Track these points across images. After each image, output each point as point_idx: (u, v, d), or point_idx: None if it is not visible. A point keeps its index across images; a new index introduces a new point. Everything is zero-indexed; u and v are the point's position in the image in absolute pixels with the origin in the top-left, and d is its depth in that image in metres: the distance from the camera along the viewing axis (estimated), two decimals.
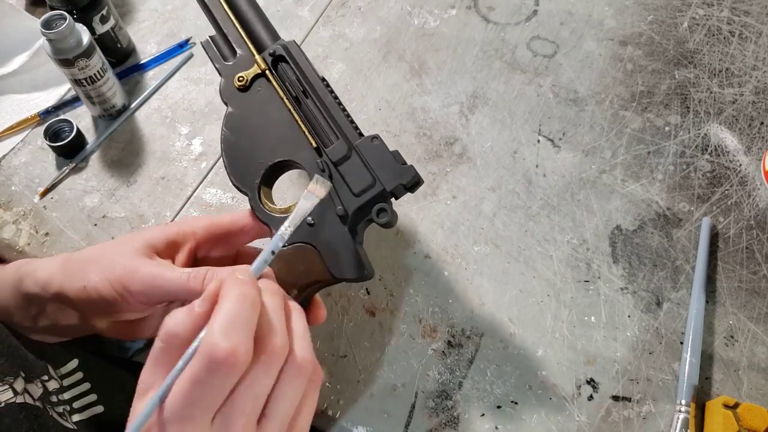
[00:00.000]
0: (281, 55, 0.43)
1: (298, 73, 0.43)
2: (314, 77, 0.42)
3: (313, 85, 0.42)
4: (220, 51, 0.45)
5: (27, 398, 0.38)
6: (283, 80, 0.43)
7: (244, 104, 0.43)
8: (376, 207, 0.40)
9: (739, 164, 0.60)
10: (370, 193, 0.40)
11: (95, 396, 0.44)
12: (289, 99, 0.42)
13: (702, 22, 0.69)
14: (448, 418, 0.49)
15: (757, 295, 0.53)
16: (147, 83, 0.69)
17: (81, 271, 0.40)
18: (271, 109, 0.43)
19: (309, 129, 0.42)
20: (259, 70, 0.43)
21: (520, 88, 0.66)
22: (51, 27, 0.56)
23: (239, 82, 0.43)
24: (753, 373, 0.50)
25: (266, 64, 0.43)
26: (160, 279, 0.38)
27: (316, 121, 0.42)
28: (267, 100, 0.43)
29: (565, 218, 0.58)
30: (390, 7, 0.73)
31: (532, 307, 0.53)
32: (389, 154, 0.41)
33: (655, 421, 0.48)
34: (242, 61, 0.44)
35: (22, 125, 0.66)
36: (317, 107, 0.42)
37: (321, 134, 0.42)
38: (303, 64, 0.43)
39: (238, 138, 0.43)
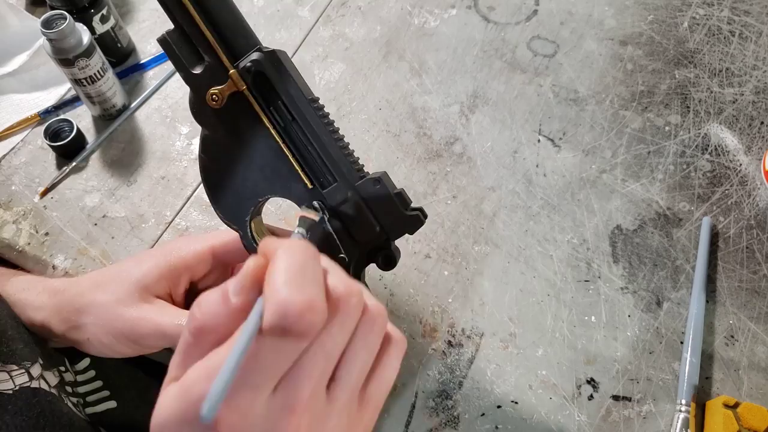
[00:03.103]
0: (259, 71, 0.34)
1: (284, 98, 0.35)
2: (303, 102, 0.35)
3: (304, 114, 0.35)
4: (183, 53, 0.35)
5: (42, 384, 0.38)
6: (267, 103, 0.35)
7: (221, 127, 0.36)
8: (383, 255, 0.38)
9: (740, 164, 0.60)
10: (374, 242, 0.38)
11: (108, 392, 0.44)
12: (276, 128, 0.35)
13: (702, 21, 0.69)
14: (449, 417, 0.49)
15: (758, 295, 0.53)
16: (147, 83, 0.68)
17: (80, 324, 0.39)
18: (255, 135, 0.36)
19: (303, 167, 0.36)
20: (236, 87, 0.34)
21: (520, 87, 0.66)
22: (51, 26, 0.56)
23: (213, 102, 0.34)
24: (753, 372, 0.50)
25: (244, 82, 0.34)
26: (160, 332, 0.37)
27: (310, 156, 0.36)
28: (249, 125, 0.35)
29: (566, 218, 0.58)
30: (390, 6, 0.73)
31: (532, 307, 0.53)
32: (393, 200, 0.37)
33: (656, 420, 0.48)
34: (213, 71, 0.34)
35: (22, 125, 0.65)
36: (309, 140, 0.36)
37: (316, 171, 0.36)
38: (291, 86, 0.35)
39: (219, 166, 0.37)
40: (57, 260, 0.57)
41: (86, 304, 0.39)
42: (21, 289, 0.42)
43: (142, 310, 0.38)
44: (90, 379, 0.44)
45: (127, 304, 0.38)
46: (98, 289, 0.39)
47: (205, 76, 0.34)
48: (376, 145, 0.63)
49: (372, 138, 0.63)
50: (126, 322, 0.38)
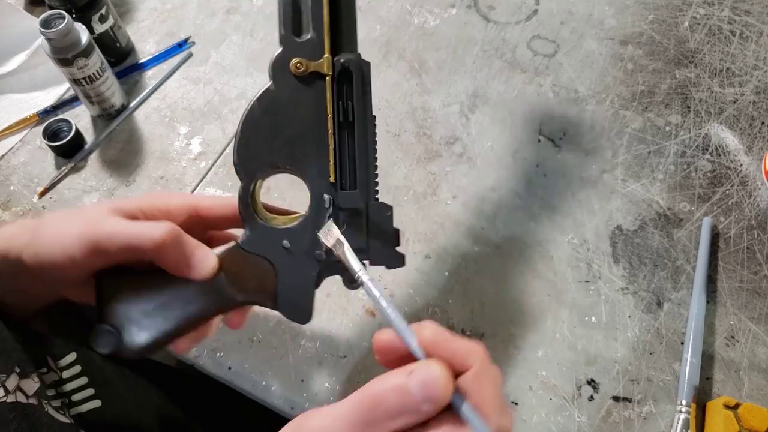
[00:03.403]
0: (349, 71, 0.38)
1: (356, 102, 0.38)
2: (368, 113, 0.39)
3: (364, 123, 0.39)
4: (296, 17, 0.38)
5: (19, 396, 0.37)
6: (339, 97, 0.39)
7: (289, 90, 0.38)
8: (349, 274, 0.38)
9: (740, 164, 0.60)
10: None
11: (92, 390, 0.43)
12: (334, 121, 0.38)
13: (703, 21, 0.69)
14: None
15: (758, 296, 0.53)
16: (146, 83, 0.68)
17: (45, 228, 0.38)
18: (312, 114, 0.38)
19: (336, 162, 0.39)
20: (323, 70, 0.38)
21: (520, 87, 0.66)
22: (50, 26, 0.56)
23: (297, 68, 0.37)
24: (754, 373, 0.50)
25: (333, 71, 0.38)
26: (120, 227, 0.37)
27: (345, 157, 0.39)
28: (313, 105, 0.38)
29: (566, 218, 0.57)
30: (390, 6, 0.73)
31: (532, 308, 0.53)
32: (391, 233, 0.39)
33: (656, 421, 0.48)
34: (310, 46, 0.38)
35: (20, 125, 0.65)
36: (354, 145, 0.39)
37: (344, 172, 0.39)
38: (367, 94, 0.39)
39: (265, 120, 0.39)
40: None
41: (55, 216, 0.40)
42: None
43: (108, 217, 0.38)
44: (75, 376, 0.43)
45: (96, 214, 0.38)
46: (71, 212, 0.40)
47: (302, 46, 0.38)
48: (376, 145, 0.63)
49: None
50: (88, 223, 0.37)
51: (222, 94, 0.67)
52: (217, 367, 0.52)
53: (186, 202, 0.42)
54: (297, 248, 0.39)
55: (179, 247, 0.38)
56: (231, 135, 0.64)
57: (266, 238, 0.39)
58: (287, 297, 0.39)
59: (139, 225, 0.38)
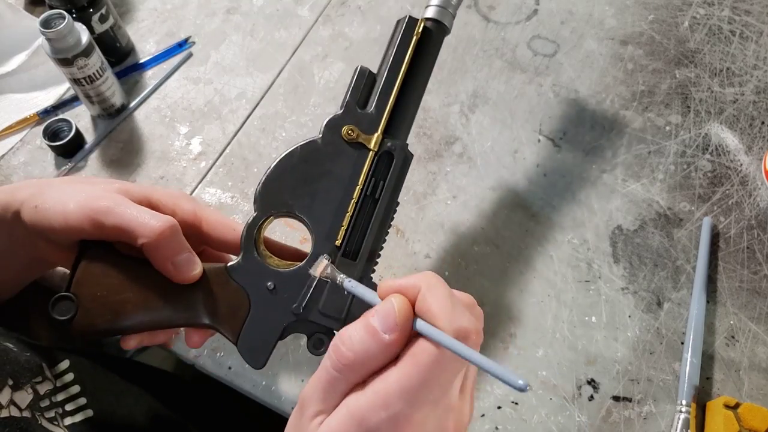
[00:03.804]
0: (392, 154, 0.41)
1: (388, 184, 0.41)
2: (393, 197, 0.41)
3: (387, 203, 0.41)
4: (364, 93, 0.42)
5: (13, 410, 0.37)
6: (374, 174, 0.41)
7: (333, 150, 0.41)
8: (316, 336, 0.39)
9: (740, 164, 0.60)
10: (327, 322, 0.39)
11: (84, 399, 0.43)
12: (362, 191, 0.41)
13: (703, 21, 0.69)
14: None
15: (758, 295, 0.53)
16: (146, 82, 0.68)
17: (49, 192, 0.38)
18: (345, 178, 0.41)
19: (348, 228, 0.40)
20: (369, 144, 0.41)
21: (520, 87, 0.66)
22: (50, 26, 0.55)
23: (349, 134, 0.41)
24: (754, 373, 0.50)
25: (377, 148, 0.41)
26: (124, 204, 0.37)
27: (358, 228, 0.40)
28: (349, 170, 0.41)
29: (566, 218, 0.58)
30: (390, 6, 0.73)
31: (532, 307, 0.53)
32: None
33: (656, 421, 0.48)
34: (368, 120, 0.41)
35: (20, 125, 0.65)
36: (370, 221, 0.40)
37: (350, 241, 0.40)
38: (398, 180, 0.41)
39: (300, 166, 0.41)
40: None
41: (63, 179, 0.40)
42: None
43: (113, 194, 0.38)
44: (69, 383, 0.43)
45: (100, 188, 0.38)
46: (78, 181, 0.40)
47: (359, 117, 0.41)
48: None
49: None
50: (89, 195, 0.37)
51: (222, 94, 0.67)
52: (217, 367, 0.52)
53: (193, 210, 0.42)
54: (279, 293, 0.39)
55: (173, 243, 0.38)
56: (231, 135, 0.64)
57: (254, 272, 0.39)
58: (250, 336, 0.39)
59: (143, 211, 0.37)
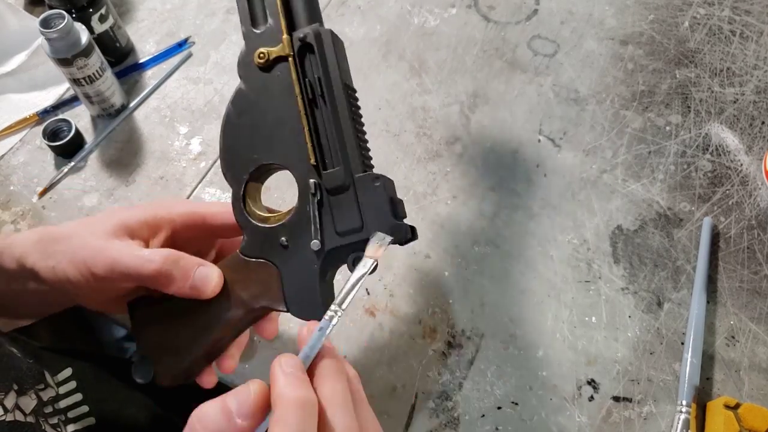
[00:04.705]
0: (310, 43, 0.36)
1: (321, 73, 0.36)
2: (338, 83, 0.36)
3: (334, 93, 0.36)
4: (252, 11, 0.38)
5: (17, 415, 0.37)
6: (304, 74, 0.37)
7: (258, 85, 0.37)
8: (353, 256, 0.36)
9: (740, 164, 0.60)
10: (352, 238, 0.36)
11: (87, 407, 0.43)
12: (304, 99, 0.36)
13: (703, 21, 0.69)
14: (449, 419, 0.49)
15: (759, 296, 0.53)
16: (146, 82, 0.68)
17: (52, 251, 0.38)
18: (283, 101, 0.37)
19: (313, 142, 0.36)
20: (284, 52, 0.36)
21: (520, 87, 0.66)
22: (50, 26, 0.55)
23: (260, 59, 0.37)
24: (754, 373, 0.50)
25: (292, 49, 0.36)
26: (118, 262, 0.36)
27: (325, 135, 0.37)
28: (283, 90, 0.37)
29: (566, 218, 0.57)
30: (390, 6, 0.73)
31: (532, 308, 0.53)
32: (387, 203, 0.36)
33: (656, 421, 0.48)
34: (270, 33, 0.37)
35: (20, 125, 0.65)
36: (330, 120, 0.36)
37: (325, 152, 0.37)
38: (331, 63, 0.36)
39: (242, 121, 0.38)
40: None
41: (63, 233, 0.39)
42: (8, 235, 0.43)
43: (110, 242, 0.38)
44: (71, 391, 0.43)
45: (100, 236, 0.38)
46: (82, 224, 0.40)
47: (262, 36, 0.37)
48: (376, 145, 0.63)
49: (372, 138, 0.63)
50: (91, 251, 0.37)
51: (222, 94, 0.67)
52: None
53: (190, 210, 0.41)
54: (293, 243, 0.37)
55: (177, 272, 0.37)
56: None
57: (264, 240, 0.38)
58: (295, 296, 0.37)
59: (138, 254, 0.37)
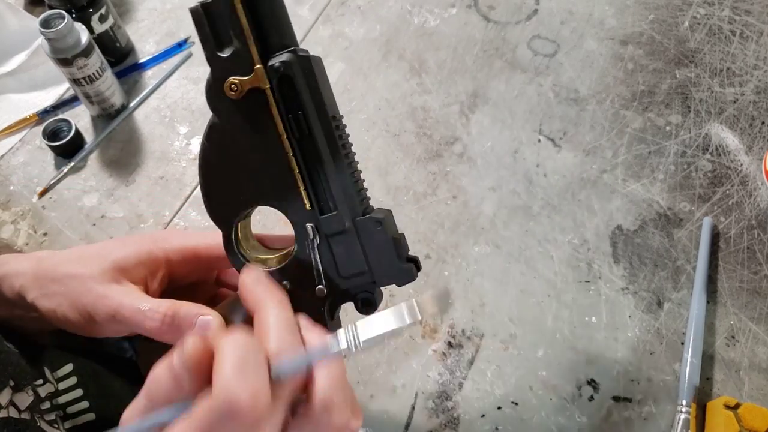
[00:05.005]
0: (287, 75, 0.31)
1: (306, 110, 0.32)
2: (325, 120, 0.32)
3: (322, 132, 0.32)
4: (214, 30, 0.32)
5: (11, 411, 0.37)
6: (287, 110, 0.32)
7: (234, 119, 0.33)
8: (363, 298, 0.35)
9: (740, 164, 0.60)
10: (357, 281, 0.35)
11: (87, 403, 0.43)
12: (290, 138, 0.32)
13: (703, 21, 0.69)
14: (449, 418, 0.49)
15: (758, 296, 0.53)
16: (146, 82, 0.68)
17: (51, 292, 0.38)
18: (266, 138, 0.33)
19: (306, 186, 0.33)
20: (258, 84, 0.32)
21: (520, 87, 0.66)
22: (50, 26, 0.55)
23: (232, 91, 0.32)
24: (754, 373, 0.50)
25: (269, 82, 0.32)
26: (119, 314, 0.36)
27: (317, 176, 0.33)
28: (264, 126, 0.32)
29: (566, 218, 0.57)
30: (390, 6, 0.73)
31: (532, 308, 0.53)
32: (390, 247, 0.34)
33: (656, 421, 0.48)
34: (239, 58, 0.31)
35: (20, 125, 0.65)
36: (321, 160, 0.33)
37: (319, 194, 0.34)
38: (315, 98, 0.32)
39: (221, 158, 0.34)
40: None
41: (62, 274, 0.39)
42: (6, 261, 0.42)
43: (110, 288, 0.37)
44: (71, 387, 0.43)
45: (98, 280, 0.38)
46: (77, 262, 0.39)
47: (230, 62, 0.32)
48: (376, 145, 0.63)
49: (372, 138, 0.63)
50: (91, 297, 0.37)
51: None
52: None
53: (184, 245, 0.41)
54: (296, 287, 0.35)
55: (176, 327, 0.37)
56: None
57: None
58: None
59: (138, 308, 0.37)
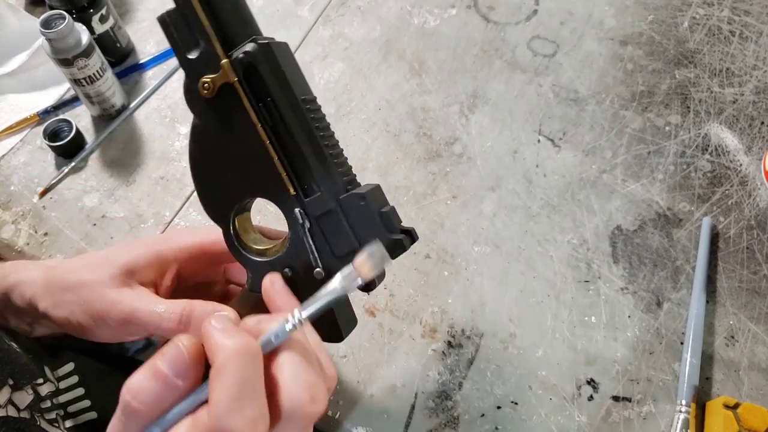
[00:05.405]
0: (252, 63, 0.32)
1: (274, 95, 0.33)
2: (295, 102, 0.33)
3: (293, 115, 0.33)
4: (181, 36, 0.33)
5: (10, 410, 0.37)
6: (257, 99, 0.33)
7: (211, 117, 0.34)
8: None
9: (740, 164, 0.60)
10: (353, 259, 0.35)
11: (89, 402, 0.43)
12: (264, 126, 0.33)
13: (702, 21, 0.69)
14: (448, 418, 0.49)
15: (758, 295, 0.53)
16: (146, 83, 0.68)
17: (64, 300, 0.39)
18: (243, 130, 0.33)
19: (287, 171, 0.34)
20: (227, 79, 0.32)
21: (520, 87, 0.66)
22: (50, 26, 0.56)
23: (205, 90, 0.33)
24: (753, 373, 0.50)
25: (236, 74, 0.32)
26: (133, 317, 0.37)
27: (297, 160, 0.34)
28: (238, 118, 0.33)
29: (566, 218, 0.58)
30: (390, 6, 0.73)
31: (532, 308, 0.53)
32: (378, 221, 0.34)
33: (656, 421, 0.48)
34: (207, 57, 0.32)
35: (21, 125, 0.65)
36: (297, 144, 0.33)
37: (302, 177, 0.34)
38: (281, 82, 0.32)
39: (207, 157, 0.35)
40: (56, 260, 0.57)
41: (73, 282, 0.39)
42: (15, 270, 0.42)
43: (122, 293, 0.38)
44: (72, 386, 0.43)
45: (110, 285, 0.38)
46: (87, 269, 0.40)
47: (200, 63, 0.33)
48: (376, 145, 0.63)
49: (372, 138, 0.63)
50: (104, 303, 0.38)
51: None
52: None
53: (191, 243, 0.41)
54: (296, 273, 0.36)
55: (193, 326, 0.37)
56: None
57: (267, 273, 0.37)
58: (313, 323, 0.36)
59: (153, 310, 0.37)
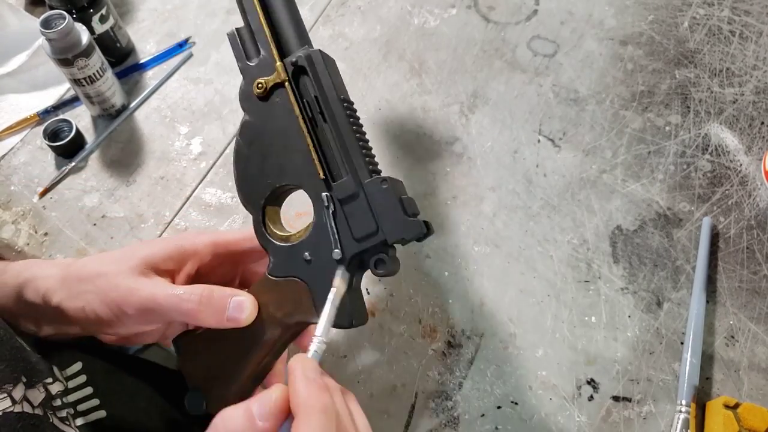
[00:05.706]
0: (302, 66, 0.39)
1: (317, 92, 0.39)
2: (334, 98, 0.38)
3: (331, 108, 0.38)
4: (245, 47, 0.41)
5: (26, 407, 0.37)
6: (302, 96, 0.39)
7: (261, 114, 0.40)
8: (374, 258, 0.37)
9: (740, 164, 0.60)
10: (370, 242, 0.37)
11: (97, 401, 0.43)
12: (304, 119, 0.39)
13: (702, 21, 0.69)
14: (448, 418, 0.49)
15: (758, 295, 0.53)
16: (146, 83, 0.68)
17: (80, 291, 0.39)
18: (287, 125, 0.39)
19: (319, 157, 0.38)
20: (279, 79, 0.39)
21: (520, 87, 0.66)
22: (50, 26, 0.56)
23: (258, 89, 0.39)
24: (753, 373, 0.50)
25: (287, 74, 0.39)
26: (153, 302, 0.37)
27: (329, 149, 0.39)
28: (284, 115, 0.39)
29: (566, 218, 0.58)
30: (390, 6, 0.73)
31: (532, 308, 0.53)
32: (397, 202, 0.37)
33: (656, 421, 0.48)
34: (264, 64, 0.40)
35: (21, 125, 0.65)
36: (332, 134, 0.38)
37: (332, 165, 0.39)
38: (324, 81, 0.39)
39: (252, 151, 0.40)
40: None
41: (89, 273, 0.40)
42: (29, 267, 0.43)
43: (139, 281, 0.39)
44: (81, 385, 0.43)
45: (127, 275, 0.39)
46: (105, 262, 0.41)
47: (257, 69, 0.40)
48: (376, 145, 0.63)
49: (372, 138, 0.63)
50: (121, 291, 0.38)
51: (222, 94, 0.67)
52: None
53: (212, 240, 0.43)
54: (316, 256, 0.38)
55: (214, 306, 0.38)
56: (231, 135, 0.64)
57: (288, 258, 0.39)
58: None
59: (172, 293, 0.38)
